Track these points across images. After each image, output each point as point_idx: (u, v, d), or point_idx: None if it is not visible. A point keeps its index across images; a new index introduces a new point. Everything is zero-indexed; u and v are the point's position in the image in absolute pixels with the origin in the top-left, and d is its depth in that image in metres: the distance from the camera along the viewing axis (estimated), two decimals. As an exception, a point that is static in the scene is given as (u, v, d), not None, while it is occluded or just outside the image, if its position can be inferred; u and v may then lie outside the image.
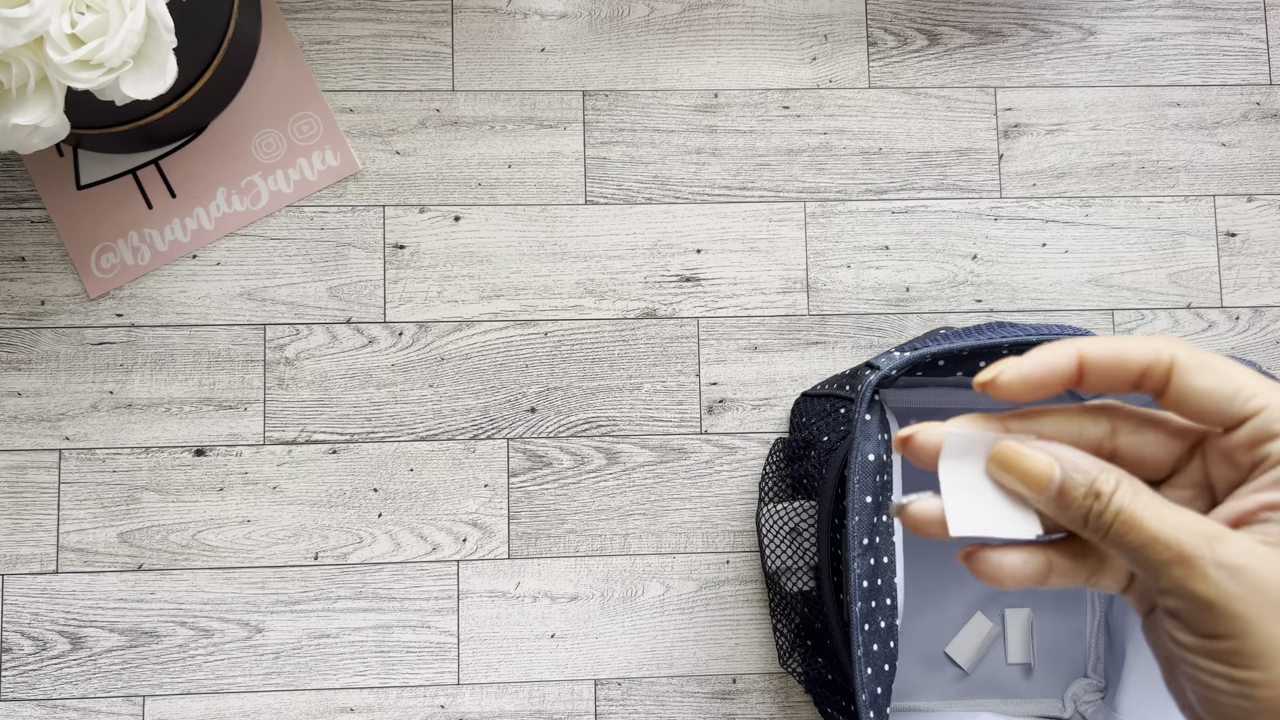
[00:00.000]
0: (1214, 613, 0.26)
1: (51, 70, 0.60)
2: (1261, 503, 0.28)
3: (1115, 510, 0.28)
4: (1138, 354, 0.29)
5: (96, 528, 0.76)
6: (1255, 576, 0.26)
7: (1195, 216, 0.84)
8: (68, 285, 0.78)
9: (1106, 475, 0.28)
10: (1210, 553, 0.27)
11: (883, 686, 0.58)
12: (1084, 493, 0.28)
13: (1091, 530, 0.28)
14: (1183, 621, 0.27)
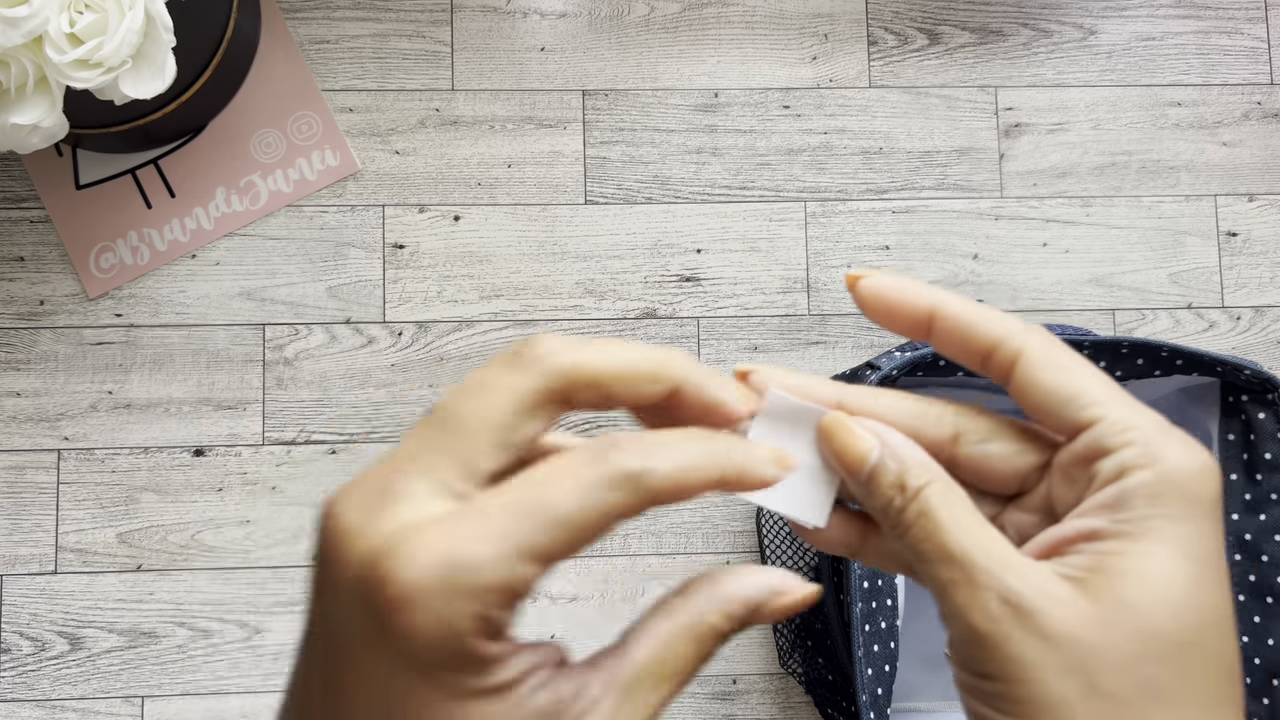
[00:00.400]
0: (987, 651, 0.23)
1: (50, 70, 0.60)
2: (1080, 530, 0.24)
3: (918, 510, 0.25)
4: (987, 328, 0.26)
5: (95, 528, 0.76)
6: (1041, 619, 0.23)
7: (1196, 216, 0.84)
8: (67, 285, 0.78)
9: (920, 470, 0.25)
10: (999, 582, 0.23)
11: (883, 687, 0.58)
12: (890, 481, 0.25)
13: (890, 525, 0.25)
14: (957, 652, 0.25)
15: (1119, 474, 0.24)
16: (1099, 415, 0.25)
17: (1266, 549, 0.61)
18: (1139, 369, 0.59)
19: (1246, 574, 0.62)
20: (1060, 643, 0.23)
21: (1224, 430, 0.62)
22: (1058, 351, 0.26)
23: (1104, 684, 0.23)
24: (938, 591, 0.24)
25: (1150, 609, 0.23)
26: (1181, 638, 0.23)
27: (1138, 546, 0.23)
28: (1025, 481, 0.27)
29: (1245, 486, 0.62)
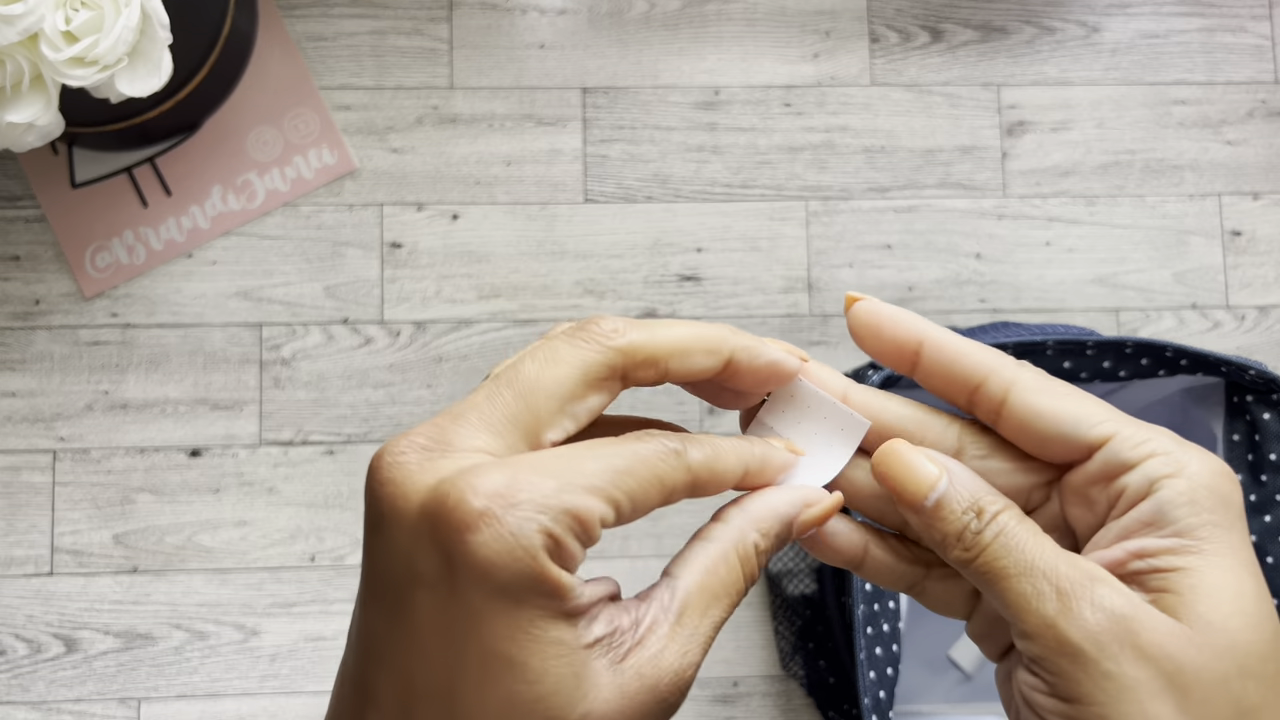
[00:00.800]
0: (1081, 666, 0.22)
1: (46, 67, 0.60)
2: (1130, 551, 0.24)
3: (996, 531, 0.24)
4: (978, 360, 0.26)
5: (91, 529, 0.76)
6: (1141, 634, 0.22)
7: (1200, 215, 0.83)
8: (62, 284, 0.78)
9: (994, 497, 0.25)
10: (1092, 592, 0.23)
11: (885, 690, 0.57)
12: (964, 508, 0.24)
13: (960, 549, 0.24)
14: (1041, 676, 0.23)
15: (1149, 487, 0.24)
16: (1111, 431, 0.24)
17: (1272, 551, 0.60)
18: (1143, 369, 0.58)
19: (1251, 576, 0.61)
20: (1156, 659, 0.22)
21: (1229, 431, 0.62)
22: (1053, 381, 0.26)
23: (1195, 707, 0.22)
24: (1017, 609, 0.23)
25: (1233, 626, 0.22)
26: (1264, 655, 0.22)
27: (1199, 561, 0.23)
28: (1029, 499, 0.26)
29: (1250, 488, 0.61)
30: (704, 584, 0.24)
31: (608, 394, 0.25)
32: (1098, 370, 0.58)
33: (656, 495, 0.24)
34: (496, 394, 0.23)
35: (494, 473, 0.22)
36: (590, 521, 0.23)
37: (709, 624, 0.24)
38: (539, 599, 0.22)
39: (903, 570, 0.27)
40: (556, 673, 0.22)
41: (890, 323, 0.26)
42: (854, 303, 0.27)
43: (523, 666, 0.22)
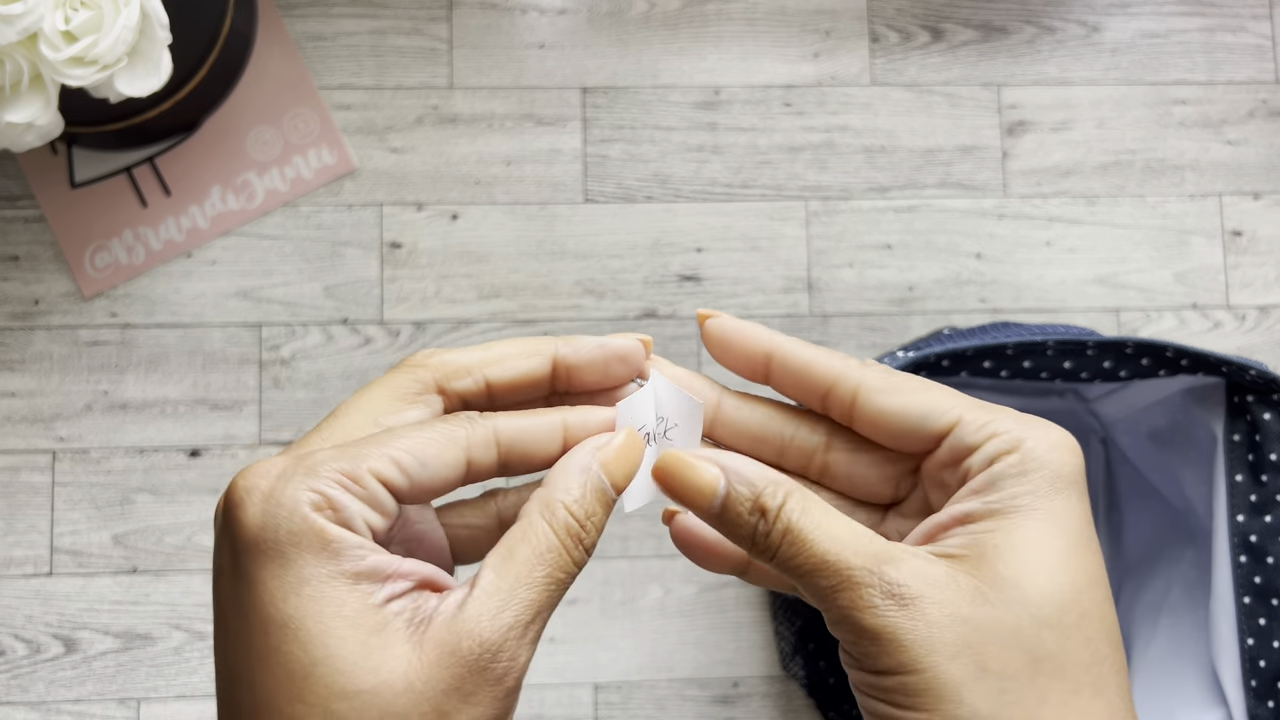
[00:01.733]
0: (880, 645, 0.23)
1: (45, 67, 0.60)
2: (954, 515, 0.25)
3: (783, 529, 0.24)
4: (823, 366, 0.27)
5: (90, 529, 0.76)
6: (925, 605, 0.23)
7: (1201, 215, 0.83)
8: (61, 284, 0.78)
9: (774, 488, 0.25)
10: (879, 578, 0.24)
11: (886, 691, 0.57)
12: (749, 508, 0.25)
13: (759, 552, 0.25)
14: (851, 655, 0.24)
15: (987, 464, 0.25)
16: (955, 419, 0.26)
17: (1272, 551, 0.60)
18: (1143, 369, 0.58)
19: (1252, 576, 0.61)
20: (945, 624, 0.23)
21: (1229, 431, 0.62)
22: (898, 378, 0.27)
23: (992, 660, 0.23)
24: (821, 601, 0.24)
25: (1027, 580, 0.24)
26: (1061, 604, 0.23)
27: (1009, 522, 0.24)
28: (899, 488, 0.28)
29: (1250, 488, 0.61)
30: (510, 549, 0.24)
31: (424, 406, 0.26)
32: (1098, 370, 0.58)
33: (453, 453, 0.25)
34: (324, 423, 0.25)
35: (275, 460, 0.24)
36: (361, 476, 0.24)
37: (524, 589, 0.24)
38: (310, 555, 0.23)
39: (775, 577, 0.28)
40: (338, 636, 0.22)
41: (738, 336, 0.28)
42: (705, 319, 0.28)
43: (297, 629, 0.22)
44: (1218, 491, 0.62)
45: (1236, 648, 0.61)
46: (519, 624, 0.23)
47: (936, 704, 0.23)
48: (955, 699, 0.23)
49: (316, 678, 0.22)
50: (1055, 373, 0.58)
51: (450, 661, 0.23)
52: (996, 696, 0.23)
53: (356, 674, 0.22)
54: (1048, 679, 0.23)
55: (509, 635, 0.23)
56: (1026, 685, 0.23)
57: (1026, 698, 0.23)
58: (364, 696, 0.22)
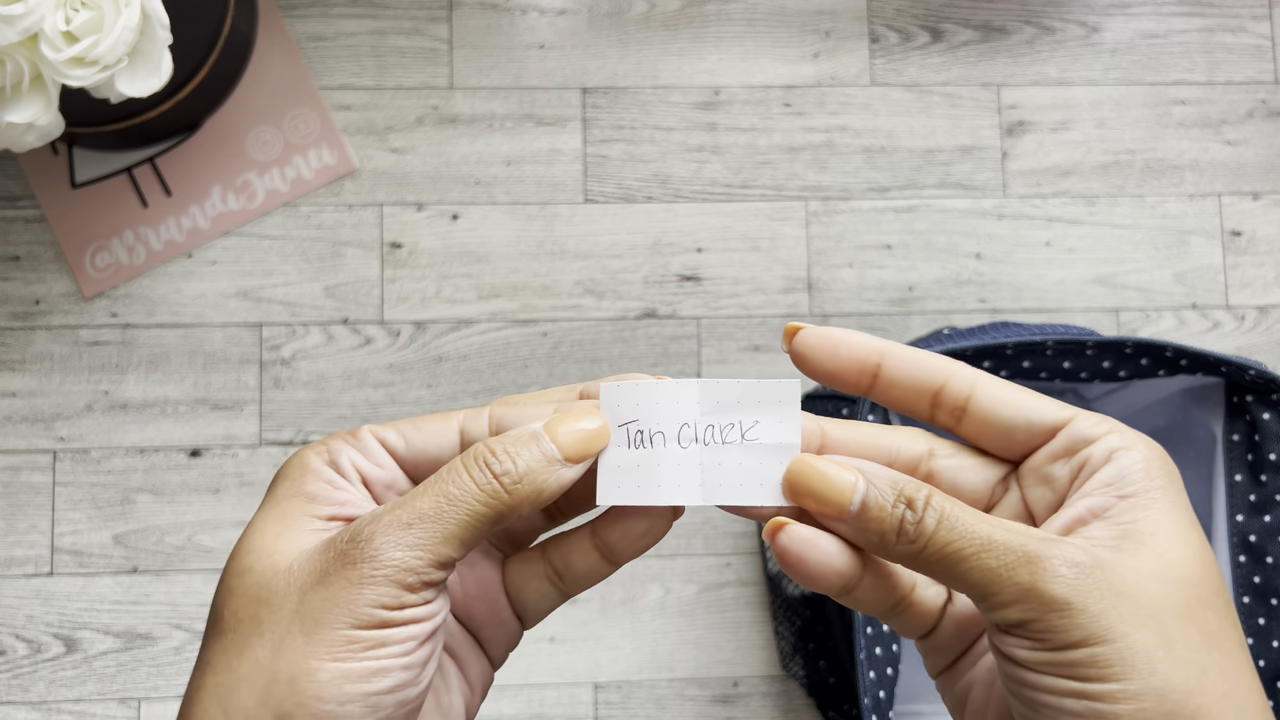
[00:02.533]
0: (1070, 615, 0.23)
1: (46, 68, 0.60)
2: (1091, 508, 0.25)
3: (937, 516, 0.25)
4: (937, 365, 0.27)
5: (91, 529, 0.76)
6: (1110, 575, 0.23)
7: (1201, 215, 0.83)
8: (62, 285, 0.78)
9: (916, 484, 0.25)
10: (1059, 550, 0.24)
11: (886, 690, 0.57)
12: (893, 501, 0.25)
13: (905, 543, 0.25)
14: (1031, 635, 0.24)
15: (1109, 456, 0.26)
16: (1072, 414, 0.27)
17: (1271, 551, 0.60)
18: (1143, 369, 0.58)
19: (1251, 576, 0.61)
20: (1131, 595, 0.23)
21: (1228, 431, 0.62)
22: (1005, 381, 0.28)
23: (1175, 633, 0.23)
24: (986, 584, 0.24)
25: (1184, 562, 0.24)
26: (1214, 587, 0.24)
27: (1153, 513, 0.25)
28: (993, 495, 0.28)
29: (1250, 488, 0.61)
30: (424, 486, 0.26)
31: None
32: (1098, 370, 0.58)
33: (446, 422, 0.28)
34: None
35: None
36: (358, 432, 0.27)
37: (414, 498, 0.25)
38: (288, 481, 0.27)
39: (890, 590, 0.28)
40: (263, 529, 0.26)
41: (847, 342, 0.27)
42: (796, 331, 0.28)
43: (250, 526, 0.26)
44: (1217, 491, 0.62)
45: (1236, 647, 0.61)
46: (396, 523, 0.25)
47: (1130, 674, 0.23)
48: (1149, 668, 0.23)
49: (234, 559, 0.26)
50: (1055, 373, 0.58)
51: (323, 549, 0.25)
52: (1186, 666, 0.23)
53: (258, 556, 0.25)
54: (1220, 653, 0.24)
55: (377, 527, 0.24)
56: (1205, 656, 0.23)
57: (1211, 668, 0.23)
58: (253, 574, 0.25)
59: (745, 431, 0.27)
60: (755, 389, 0.27)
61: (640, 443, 0.27)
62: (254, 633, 0.24)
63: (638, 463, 0.27)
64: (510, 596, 0.30)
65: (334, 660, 0.24)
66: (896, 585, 0.28)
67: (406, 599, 0.24)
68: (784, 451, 0.27)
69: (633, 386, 0.27)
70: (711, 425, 0.27)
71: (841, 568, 0.26)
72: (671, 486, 0.27)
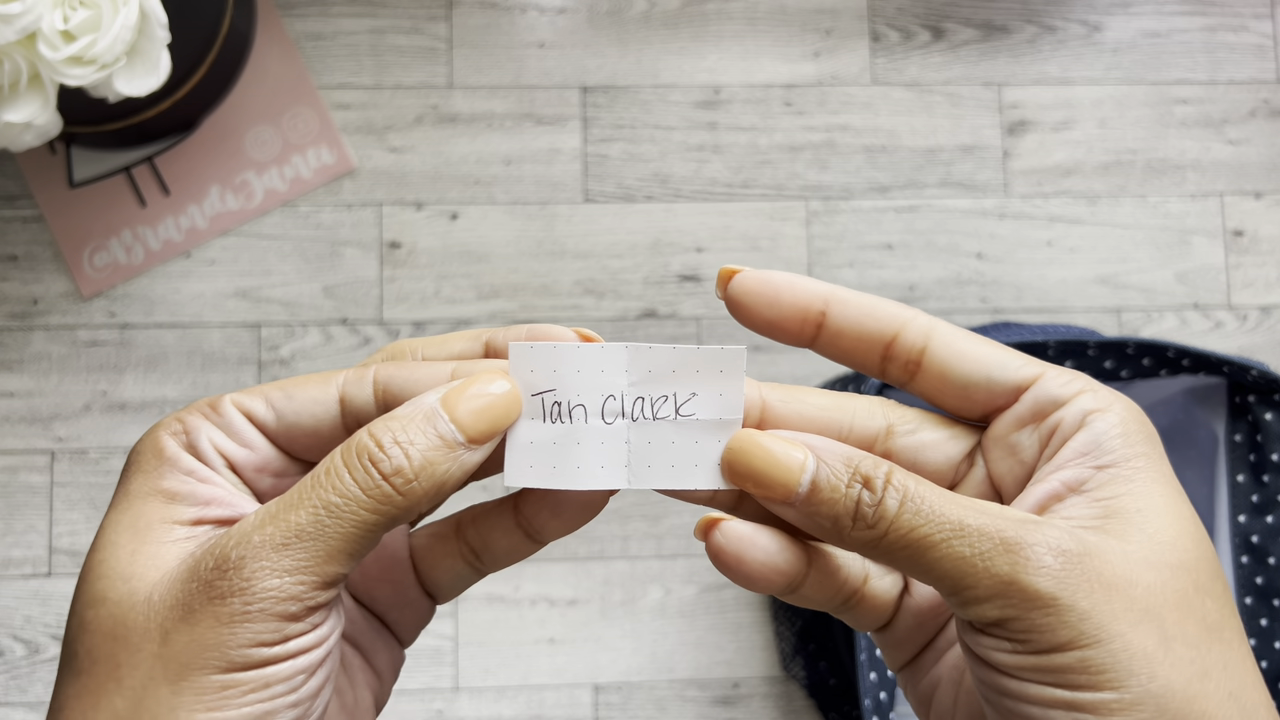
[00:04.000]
0: (1056, 613, 0.20)
1: (44, 67, 0.59)
2: (1066, 482, 0.22)
3: (899, 496, 0.21)
4: (891, 311, 0.24)
5: (89, 530, 0.76)
6: (1098, 564, 0.20)
7: (1202, 214, 0.83)
8: (60, 284, 0.77)
9: (874, 461, 0.22)
10: (1042, 537, 0.20)
11: (887, 691, 0.57)
12: (847, 480, 0.22)
13: (862, 529, 0.22)
14: (1011, 636, 0.21)
15: (1082, 420, 0.22)
16: (1039, 371, 0.23)
17: (1274, 551, 0.60)
18: (1145, 369, 0.58)
19: (1253, 576, 0.61)
20: (1121, 587, 0.20)
21: (1230, 431, 0.61)
22: (966, 331, 0.24)
23: (1173, 627, 0.20)
24: (959, 575, 0.21)
25: (1177, 542, 0.21)
26: (1210, 570, 0.22)
27: (1137, 486, 0.22)
28: (957, 472, 0.24)
29: (1252, 488, 0.61)
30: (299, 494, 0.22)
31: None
32: (1099, 370, 0.58)
33: (322, 388, 0.23)
34: None
35: None
36: (220, 405, 0.23)
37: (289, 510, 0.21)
38: (141, 473, 0.23)
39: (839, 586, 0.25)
40: (115, 543, 0.22)
41: (789, 286, 0.24)
42: (732, 275, 0.24)
43: (99, 535, 0.22)
44: (1219, 492, 0.62)
45: (1238, 649, 0.60)
46: (268, 544, 0.21)
47: (1125, 680, 0.20)
48: (1147, 672, 0.20)
49: (86, 582, 0.22)
50: (1056, 373, 0.58)
51: (187, 577, 0.21)
52: (1187, 667, 0.20)
53: (112, 581, 0.21)
54: (1222, 647, 0.21)
55: (246, 550, 0.21)
56: (1207, 653, 0.21)
57: (1213, 666, 0.20)
58: (108, 605, 0.21)
59: (680, 405, 0.24)
60: (693, 356, 0.24)
61: (557, 416, 0.23)
62: (111, 678, 0.21)
63: (554, 439, 0.23)
64: (419, 574, 0.26)
65: (207, 711, 0.20)
66: (847, 579, 0.25)
67: (289, 630, 0.21)
68: (723, 428, 0.24)
69: (549, 349, 0.23)
70: (641, 398, 0.24)
71: (783, 566, 0.23)
72: (593, 468, 0.24)
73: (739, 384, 0.24)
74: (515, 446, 0.23)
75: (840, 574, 0.25)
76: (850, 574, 0.25)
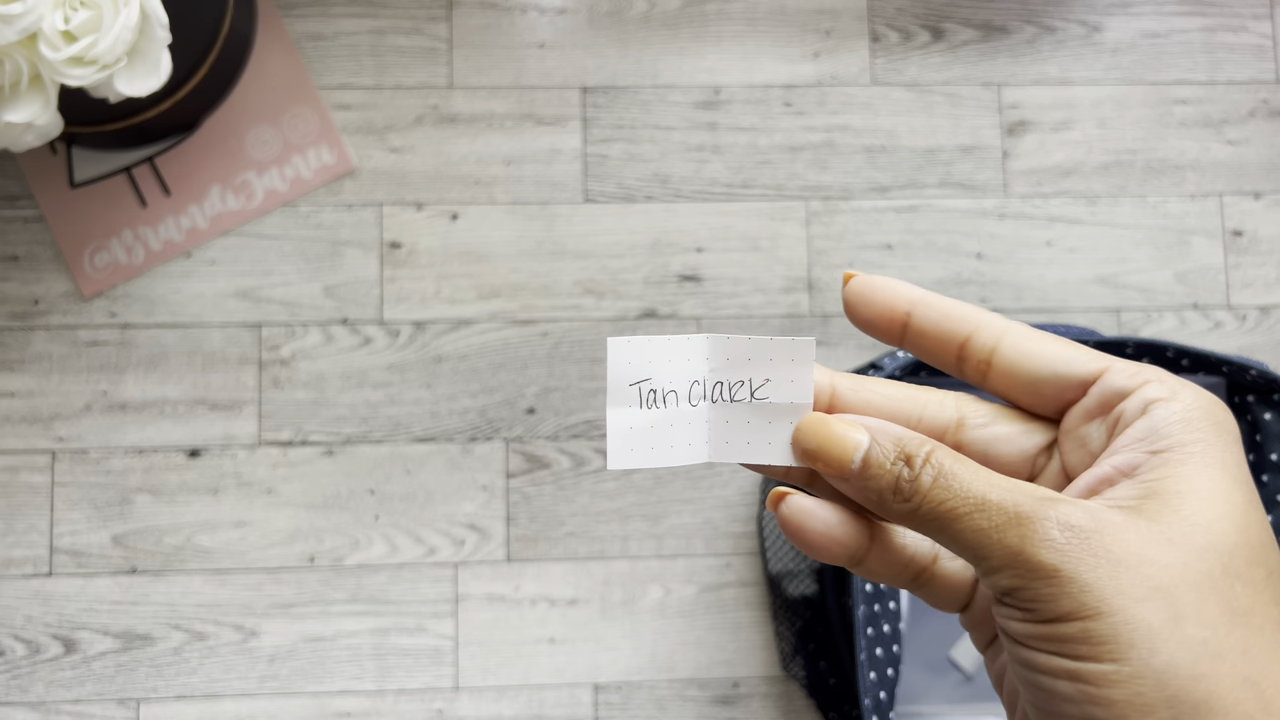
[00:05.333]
0: (1059, 584, 0.21)
1: (45, 67, 0.59)
2: (1118, 466, 0.23)
3: (934, 473, 0.23)
4: (968, 312, 0.25)
5: (90, 530, 0.76)
6: (1108, 541, 0.21)
7: (1202, 215, 0.83)
8: (61, 284, 0.77)
9: (920, 441, 0.24)
10: (1054, 511, 0.22)
11: (886, 691, 0.57)
12: (892, 458, 0.23)
13: (900, 501, 0.23)
14: (1019, 604, 0.22)
15: (1144, 409, 0.23)
16: (1106, 365, 0.24)
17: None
18: (1145, 369, 0.58)
19: (1253, 577, 0.61)
20: (1132, 564, 0.21)
21: (1230, 431, 0.61)
22: (1040, 332, 0.25)
23: (1187, 608, 0.21)
24: (978, 546, 0.22)
25: (1215, 525, 0.21)
26: (1250, 558, 0.21)
27: (1185, 469, 0.22)
28: (1034, 465, 0.25)
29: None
30: None
31: None
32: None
33: None
34: None
35: None
36: None
37: None
38: None
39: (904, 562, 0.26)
40: None
41: (881, 289, 0.26)
42: (850, 279, 0.27)
43: None
44: (1219, 492, 0.62)
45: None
46: None
47: (1126, 652, 0.20)
48: (1149, 647, 0.20)
49: None
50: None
51: None
52: (1197, 647, 0.20)
53: None
54: (1246, 632, 0.21)
55: None
56: (1227, 636, 0.21)
57: (1230, 649, 0.21)
58: None
59: (755, 389, 0.26)
60: (767, 346, 0.26)
61: (653, 402, 0.26)
62: None
63: (651, 424, 0.26)
64: None
65: None
66: (914, 557, 0.26)
67: None
68: (795, 411, 0.26)
69: (644, 342, 0.26)
70: (720, 382, 0.26)
71: (841, 537, 0.25)
72: (682, 446, 0.26)
73: (809, 371, 0.26)
74: (616, 433, 0.26)
75: (905, 551, 0.26)
76: (917, 553, 0.26)
